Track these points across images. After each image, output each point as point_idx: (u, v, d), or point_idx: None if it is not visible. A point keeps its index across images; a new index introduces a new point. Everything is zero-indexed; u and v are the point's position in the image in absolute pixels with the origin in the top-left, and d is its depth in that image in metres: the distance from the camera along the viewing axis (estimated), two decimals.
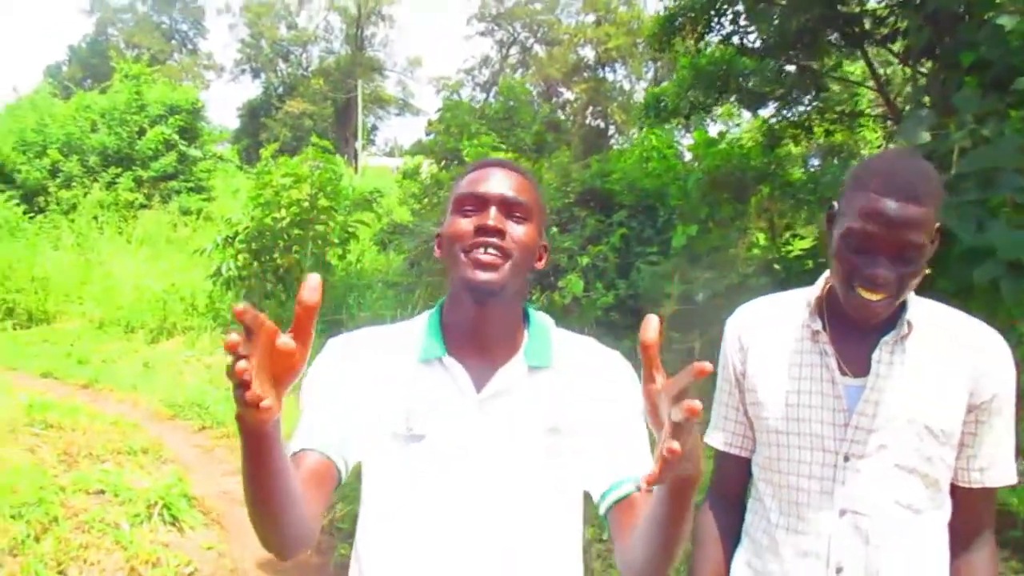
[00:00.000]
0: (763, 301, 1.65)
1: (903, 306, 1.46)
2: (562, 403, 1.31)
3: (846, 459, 1.46)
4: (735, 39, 6.30)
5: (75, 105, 16.82)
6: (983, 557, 1.51)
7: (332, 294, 8.13)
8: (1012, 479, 1.50)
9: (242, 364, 0.85)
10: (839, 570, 1.44)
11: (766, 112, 8.20)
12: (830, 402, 1.48)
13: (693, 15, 6.34)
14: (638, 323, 0.98)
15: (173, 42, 46.27)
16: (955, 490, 1.50)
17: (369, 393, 1.30)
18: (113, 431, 5.10)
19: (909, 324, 1.45)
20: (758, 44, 6.28)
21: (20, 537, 3.59)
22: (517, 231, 1.27)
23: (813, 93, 7.43)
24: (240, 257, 8.90)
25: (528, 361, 1.31)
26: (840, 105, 7.68)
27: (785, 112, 7.52)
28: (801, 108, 7.70)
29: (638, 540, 1.16)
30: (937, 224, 1.39)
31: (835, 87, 8.18)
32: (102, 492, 4.10)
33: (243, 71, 44.04)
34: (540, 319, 1.40)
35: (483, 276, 1.23)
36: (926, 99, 5.34)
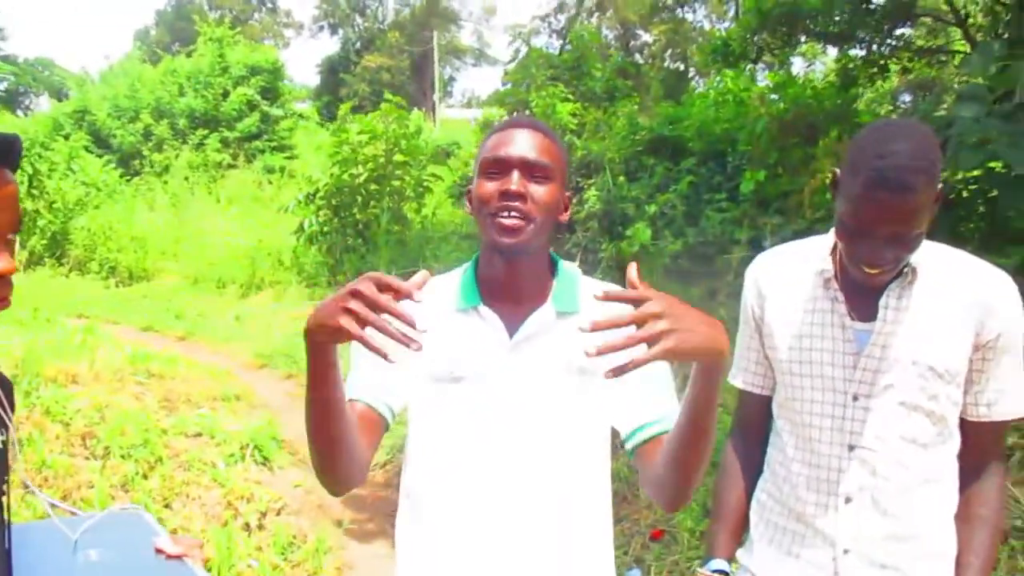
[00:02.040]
0: (782, 249, 1.75)
1: None
2: (588, 346, 1.44)
3: (855, 398, 1.56)
4: None
5: (163, 70, 17.49)
6: (991, 487, 1.60)
7: (408, 247, 8.39)
8: (1020, 413, 1.58)
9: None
10: (848, 500, 1.56)
11: (836, 52, 7.95)
12: (840, 345, 1.58)
13: None
14: (707, 271, 1.13)
15: (253, 2, 47.06)
16: (964, 424, 1.59)
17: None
18: (208, 379, 5.49)
19: (914, 271, 1.53)
20: None
21: (130, 475, 3.97)
22: (538, 192, 1.38)
23: (886, 30, 7.18)
24: (321, 213, 9.23)
25: (557, 307, 1.44)
26: (919, 41, 7.40)
27: (858, 50, 7.28)
28: (876, 46, 7.44)
29: (666, 451, 1.28)
30: (939, 187, 1.46)
31: (916, 25, 7.87)
32: (199, 435, 4.46)
33: (321, 28, 44.51)
34: (568, 268, 1.52)
35: (507, 240, 1.36)
36: (1003, 32, 5.15)
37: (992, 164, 4.70)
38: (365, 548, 3.96)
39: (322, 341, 1.12)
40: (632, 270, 1.08)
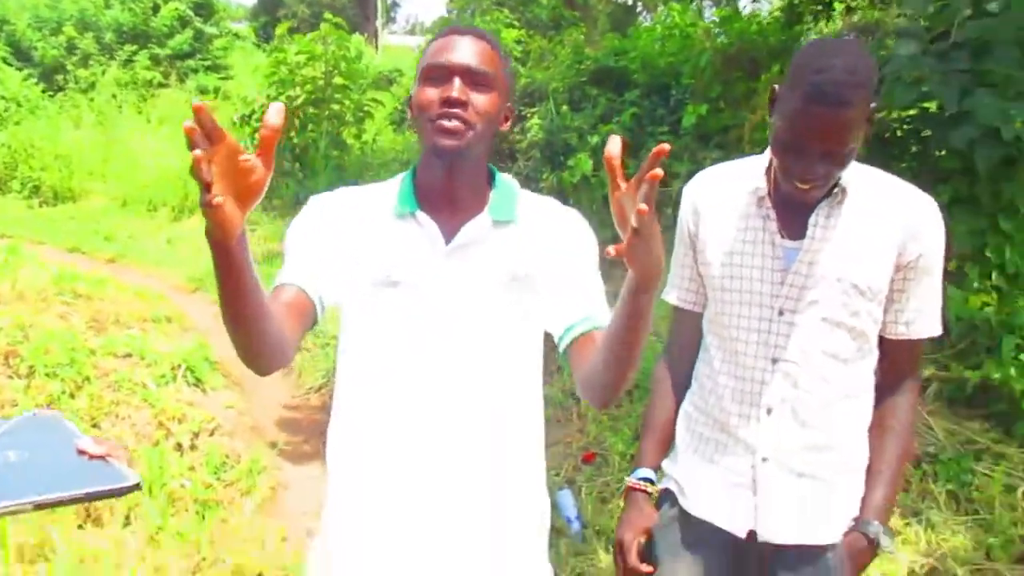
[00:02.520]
0: (719, 168, 1.77)
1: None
2: (524, 254, 1.44)
3: (780, 313, 1.61)
4: None
5: None
6: (904, 402, 1.67)
7: (347, 173, 8.24)
8: (936, 332, 1.65)
9: (198, 152, 0.96)
10: (769, 411, 1.62)
11: None
12: (769, 262, 1.62)
13: None
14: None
15: None
16: (882, 341, 1.65)
17: (349, 242, 1.44)
18: (138, 301, 5.36)
19: (844, 191, 1.57)
20: None
21: (56, 394, 3.89)
22: (479, 100, 1.37)
23: None
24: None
25: (493, 216, 1.44)
26: None
27: None
28: None
29: (600, 351, 1.32)
30: (873, 105, 1.49)
31: None
32: (129, 355, 4.37)
33: None
34: (505, 179, 1.52)
35: (448, 142, 1.35)
36: None
37: (926, 104, 4.80)
38: (300, 469, 3.97)
39: (213, 231, 1.07)
40: (615, 146, 1.09)
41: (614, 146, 1.09)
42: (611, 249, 1.12)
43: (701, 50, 6.64)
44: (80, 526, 3.27)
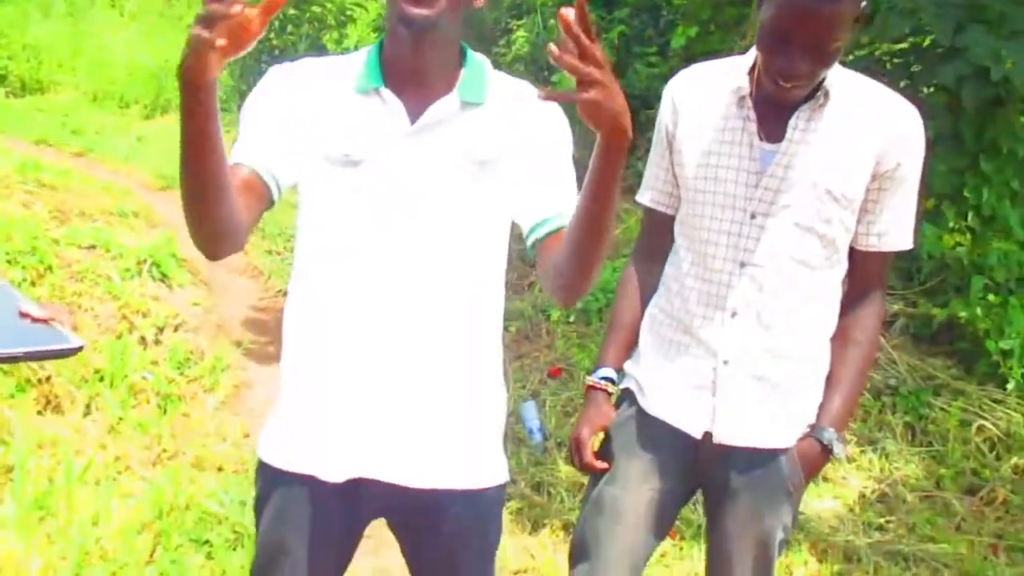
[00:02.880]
0: (701, 66, 1.72)
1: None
2: (492, 137, 1.38)
3: (752, 216, 1.58)
4: None
5: None
6: (870, 314, 1.67)
7: None
8: (907, 245, 1.63)
9: None
10: (734, 314, 1.61)
11: None
12: (746, 164, 1.58)
13: None
14: (632, 124, 1.08)
15: None
16: (853, 252, 1.64)
17: (307, 117, 1.38)
18: (105, 195, 5.24)
19: (826, 95, 1.53)
20: None
21: (16, 281, 3.80)
22: None
23: None
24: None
25: (462, 96, 1.38)
26: None
27: None
28: None
29: (566, 241, 1.28)
30: (863, 4, 1.44)
31: None
32: (94, 247, 4.28)
33: None
34: (477, 58, 1.45)
35: (415, 10, 1.27)
36: None
37: (918, 39, 4.72)
38: (264, 369, 3.95)
39: (190, 67, 1.06)
40: (570, 13, 1.03)
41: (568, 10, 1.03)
42: (540, 93, 1.08)
43: None
44: (39, 412, 3.25)
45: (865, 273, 1.65)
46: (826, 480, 3.58)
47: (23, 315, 1.30)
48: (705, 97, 1.64)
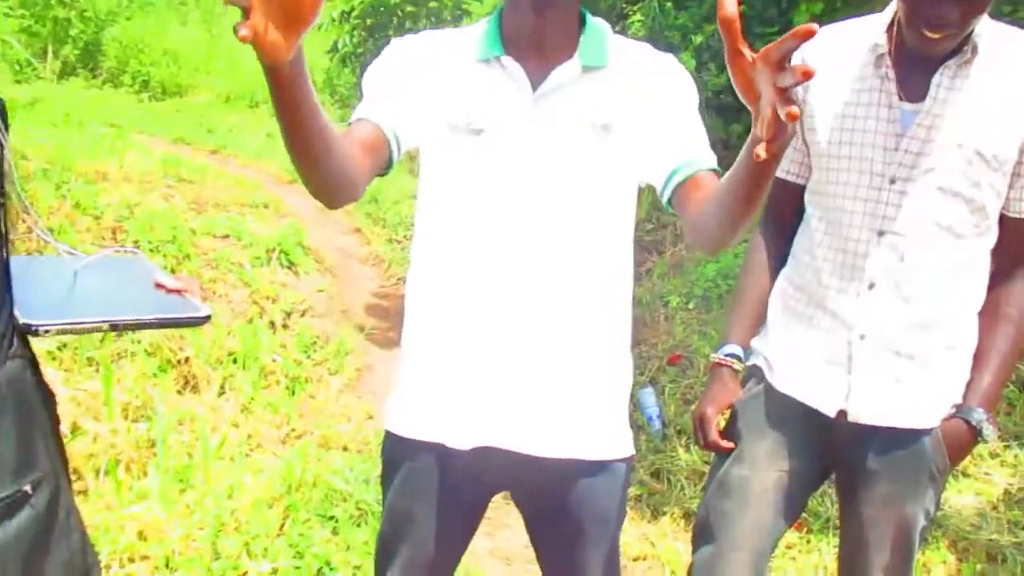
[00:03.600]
0: (836, 26, 1.62)
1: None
2: (616, 100, 1.35)
3: (892, 181, 1.48)
4: None
5: None
6: (1020, 290, 1.54)
7: (424, 24, 8.14)
8: None
9: None
10: (871, 285, 1.51)
11: None
12: (884, 126, 1.49)
13: None
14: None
15: None
16: (1004, 220, 1.51)
17: (430, 85, 1.38)
18: (237, 187, 5.50)
19: (975, 48, 1.41)
20: None
21: (159, 266, 4.04)
22: None
23: None
24: (356, 33, 8.92)
25: (583, 61, 1.35)
26: None
27: None
28: None
29: (714, 199, 1.19)
30: None
31: None
32: (227, 236, 4.50)
33: None
34: (597, 23, 1.42)
35: None
36: None
37: None
38: (385, 353, 4.05)
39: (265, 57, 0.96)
40: (730, 4, 0.95)
41: (730, 5, 0.94)
42: (760, 152, 0.96)
43: None
44: (179, 391, 3.43)
45: (1018, 243, 1.52)
46: (966, 475, 3.36)
47: (158, 286, 1.36)
48: (838, 57, 1.55)
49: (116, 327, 1.25)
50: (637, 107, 1.36)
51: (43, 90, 9.86)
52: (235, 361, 3.67)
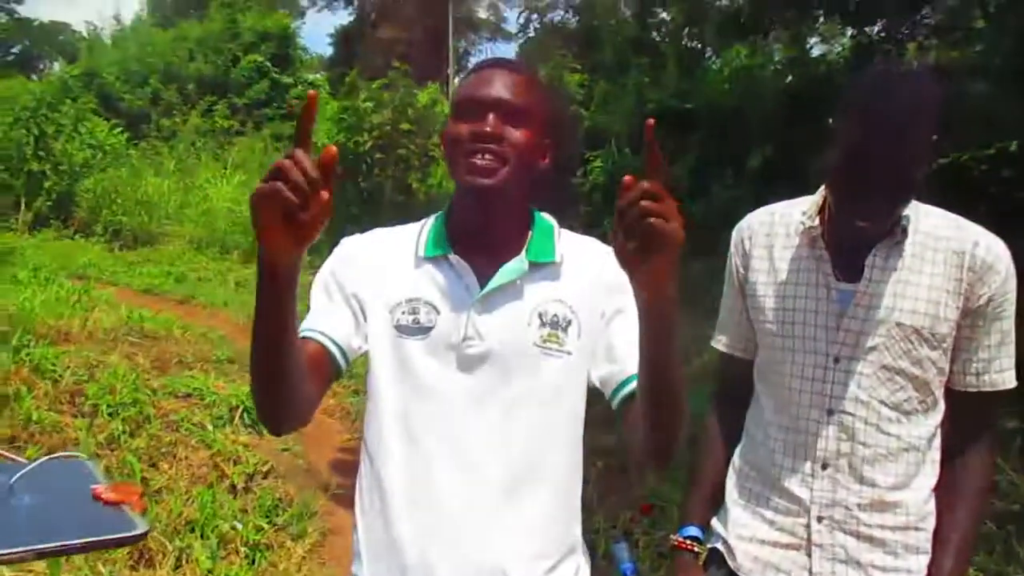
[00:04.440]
0: (770, 208, 1.68)
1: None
2: (564, 297, 1.36)
3: (836, 360, 1.49)
4: None
5: (173, 34, 17.41)
6: (976, 462, 1.53)
7: (412, 218, 8.30)
8: (1009, 383, 1.50)
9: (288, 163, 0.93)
10: (824, 465, 1.50)
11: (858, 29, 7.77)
12: (824, 306, 1.51)
13: None
14: (710, 247, 1.04)
15: None
16: (951, 393, 1.52)
17: (377, 287, 1.38)
18: (202, 341, 5.46)
19: (904, 230, 1.46)
20: None
21: (116, 433, 3.95)
22: (514, 135, 1.30)
23: (907, 7, 7.02)
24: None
25: (531, 257, 1.37)
26: (931, 20, 7.24)
27: (876, 28, 7.13)
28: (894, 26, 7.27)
29: (640, 411, 1.20)
30: (935, 137, 1.39)
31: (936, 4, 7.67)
32: (189, 396, 4.43)
33: None
34: (545, 218, 1.45)
35: (480, 181, 1.28)
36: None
37: (1004, 144, 4.58)
38: (351, 515, 3.92)
39: (271, 249, 1.02)
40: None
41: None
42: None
43: (767, 92, 6.54)
44: (132, 567, 3.28)
45: (966, 416, 1.52)
46: None
47: (96, 498, 1.31)
48: (775, 238, 1.60)
49: (43, 555, 1.19)
50: (585, 304, 1.36)
51: (13, 242, 9.93)
52: (193, 530, 3.53)
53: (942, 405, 1.52)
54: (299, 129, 0.99)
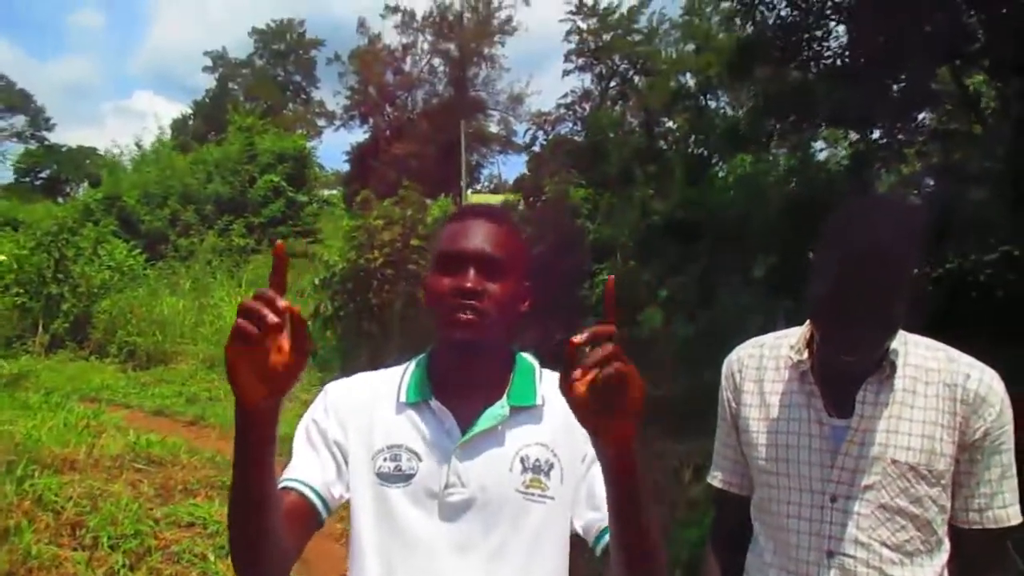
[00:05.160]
0: (759, 340, 1.66)
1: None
2: (545, 440, 1.34)
3: (833, 500, 1.45)
4: (812, 65, 6.18)
5: (192, 157, 18.02)
6: None
7: (423, 332, 8.33)
8: (1015, 519, 1.44)
9: (256, 304, 0.96)
10: None
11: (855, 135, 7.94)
12: (817, 443, 1.47)
13: (771, 37, 6.27)
14: (721, 356, 1.04)
15: (288, 93, 48.56)
16: (954, 531, 1.46)
17: (360, 432, 1.37)
18: (209, 466, 5.39)
19: (892, 364, 1.44)
20: (835, 64, 6.14)
21: (116, 567, 3.85)
22: (494, 289, 1.31)
23: (906, 114, 7.18)
24: (337, 297, 9.26)
25: (512, 401, 1.35)
26: (929, 124, 7.39)
27: (876, 134, 7.28)
28: (893, 131, 7.42)
29: (612, 549, 1.18)
30: (916, 270, 1.38)
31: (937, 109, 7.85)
32: (192, 524, 4.34)
33: (352, 116, 45.67)
34: (526, 360, 1.44)
35: (461, 335, 1.29)
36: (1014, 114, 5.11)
37: (1009, 248, 4.58)
38: None
39: (244, 393, 1.02)
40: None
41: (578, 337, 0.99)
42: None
43: (770, 199, 6.62)
44: None
45: (972, 554, 1.46)
46: None
47: None
48: (764, 373, 1.57)
49: None
50: (567, 446, 1.34)
51: (29, 365, 9.99)
52: None
53: (947, 545, 1.46)
54: (273, 276, 1.00)
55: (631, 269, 6.84)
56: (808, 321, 1.53)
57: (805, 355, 1.51)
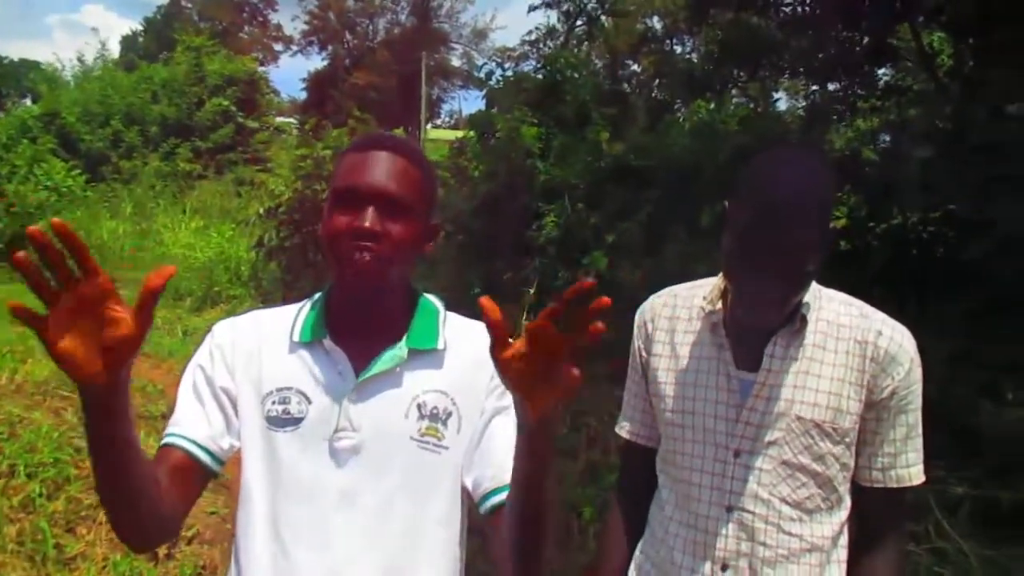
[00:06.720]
0: (674, 290, 1.61)
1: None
2: (444, 387, 1.29)
3: (736, 454, 1.42)
4: (773, 13, 6.08)
5: (137, 76, 17.32)
6: (884, 562, 1.45)
7: None
8: (917, 479, 1.43)
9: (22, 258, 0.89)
10: (724, 567, 1.41)
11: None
12: (724, 396, 1.44)
13: None
14: None
15: (244, 15, 46.82)
16: (857, 489, 1.45)
17: (249, 375, 1.31)
18: (138, 396, 5.27)
19: (803, 319, 1.40)
20: (796, 13, 6.05)
21: (33, 495, 3.75)
22: (395, 229, 1.23)
23: (864, 69, 7.15)
24: (282, 228, 9.05)
25: (411, 344, 1.30)
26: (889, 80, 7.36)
27: (829, 87, 7.25)
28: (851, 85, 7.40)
29: (505, 530, 1.15)
30: (832, 224, 1.34)
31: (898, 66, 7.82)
32: None
33: (310, 43, 44.36)
34: (430, 302, 1.37)
35: (357, 280, 1.23)
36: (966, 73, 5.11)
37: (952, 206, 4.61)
38: None
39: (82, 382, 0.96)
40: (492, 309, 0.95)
41: (492, 310, 0.94)
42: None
43: (723, 149, 6.57)
44: None
45: (873, 513, 1.45)
46: None
47: None
48: (678, 323, 1.53)
49: None
50: (466, 396, 1.29)
51: None
52: None
53: (847, 502, 1.45)
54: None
55: (579, 212, 6.78)
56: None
57: (718, 306, 1.47)
